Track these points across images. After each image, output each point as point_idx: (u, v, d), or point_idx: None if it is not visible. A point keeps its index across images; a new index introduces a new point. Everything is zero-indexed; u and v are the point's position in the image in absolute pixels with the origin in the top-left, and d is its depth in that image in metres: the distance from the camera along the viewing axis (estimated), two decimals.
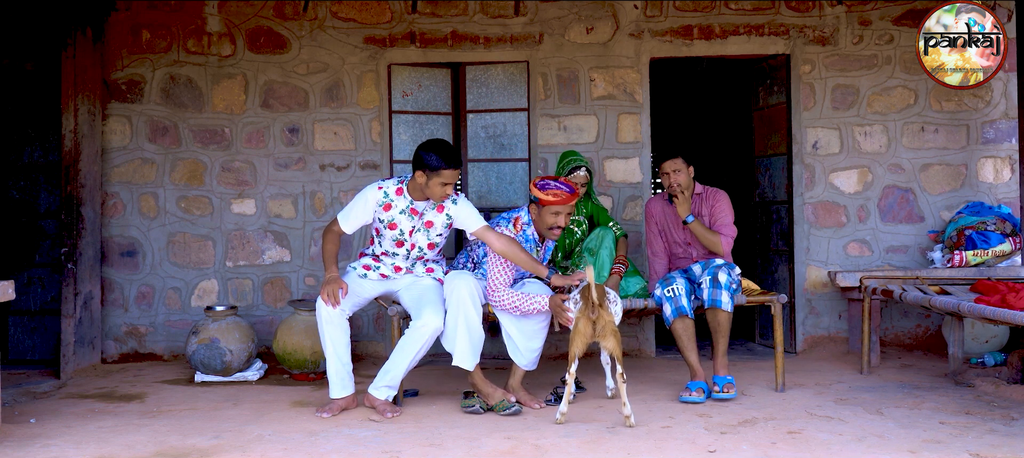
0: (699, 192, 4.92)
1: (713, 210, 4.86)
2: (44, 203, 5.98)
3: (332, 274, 4.30)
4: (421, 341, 4.24)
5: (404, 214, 4.37)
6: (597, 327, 4.04)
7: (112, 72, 5.91)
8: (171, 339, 5.91)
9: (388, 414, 4.21)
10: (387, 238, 4.43)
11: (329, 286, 4.25)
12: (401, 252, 4.45)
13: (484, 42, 5.92)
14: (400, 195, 4.38)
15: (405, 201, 4.37)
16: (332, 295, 4.24)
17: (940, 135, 5.93)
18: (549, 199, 4.32)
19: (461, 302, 4.23)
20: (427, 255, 4.51)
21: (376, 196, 4.36)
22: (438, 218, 4.42)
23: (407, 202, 4.37)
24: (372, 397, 4.30)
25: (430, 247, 4.47)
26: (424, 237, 4.43)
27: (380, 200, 4.36)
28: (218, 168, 5.94)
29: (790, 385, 4.80)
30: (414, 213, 4.38)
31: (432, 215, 4.41)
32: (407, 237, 4.41)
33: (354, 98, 5.93)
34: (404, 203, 4.37)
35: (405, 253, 4.46)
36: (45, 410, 4.45)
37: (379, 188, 4.38)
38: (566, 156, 5.03)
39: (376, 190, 4.38)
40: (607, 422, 4.04)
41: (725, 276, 4.53)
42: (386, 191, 4.38)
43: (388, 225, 4.38)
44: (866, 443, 3.61)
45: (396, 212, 4.37)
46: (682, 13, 5.93)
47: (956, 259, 5.53)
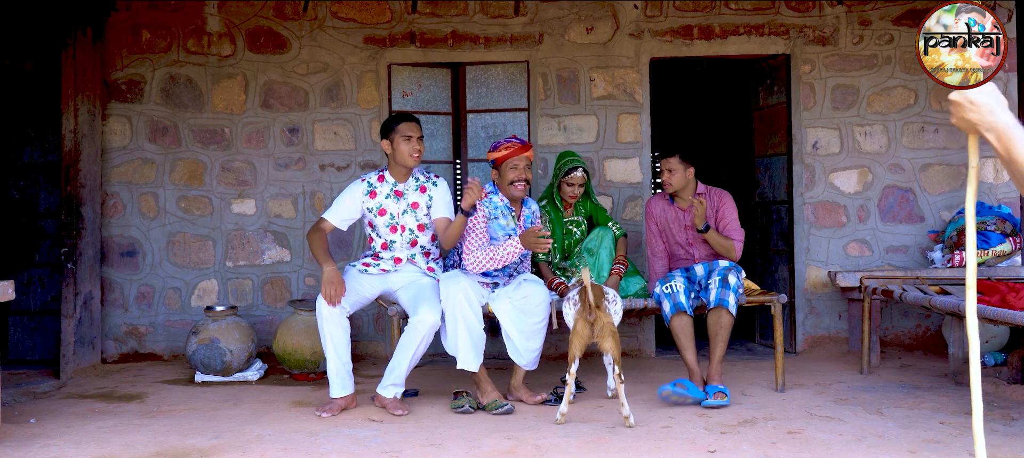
0: (702, 192, 4.88)
1: (719, 213, 4.83)
2: (44, 203, 5.98)
3: (330, 269, 4.32)
4: (419, 337, 4.26)
5: (390, 198, 4.53)
6: (595, 328, 4.04)
7: (112, 72, 5.91)
8: (171, 339, 5.91)
9: (399, 412, 4.26)
10: (381, 227, 4.52)
11: (329, 287, 4.28)
12: (397, 239, 4.52)
13: (484, 42, 5.92)
14: (382, 181, 4.56)
15: (388, 185, 4.54)
16: (334, 295, 4.26)
17: (940, 135, 5.93)
18: (503, 154, 4.47)
19: (458, 304, 4.25)
20: (420, 239, 4.56)
21: (360, 187, 4.54)
22: (421, 198, 4.54)
23: (390, 185, 4.54)
24: (382, 397, 4.34)
25: (421, 229, 4.55)
26: (412, 218, 4.53)
27: (365, 190, 4.53)
28: (218, 168, 5.94)
29: (790, 385, 4.80)
30: (399, 194, 4.53)
31: (415, 195, 4.54)
32: (398, 219, 4.52)
33: (354, 98, 5.93)
34: (388, 188, 4.54)
35: (400, 239, 4.53)
36: (45, 410, 4.45)
37: (362, 180, 4.57)
38: (563, 157, 5.04)
39: (359, 182, 4.57)
40: (607, 422, 4.03)
41: (734, 278, 4.52)
42: (368, 181, 4.56)
43: (379, 212, 4.51)
44: (866, 443, 3.61)
45: (382, 198, 4.52)
46: (682, 13, 5.93)
47: (956, 259, 5.53)
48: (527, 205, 4.70)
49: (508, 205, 4.55)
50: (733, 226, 4.80)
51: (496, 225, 4.50)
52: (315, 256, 4.44)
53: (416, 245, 4.56)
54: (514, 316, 4.39)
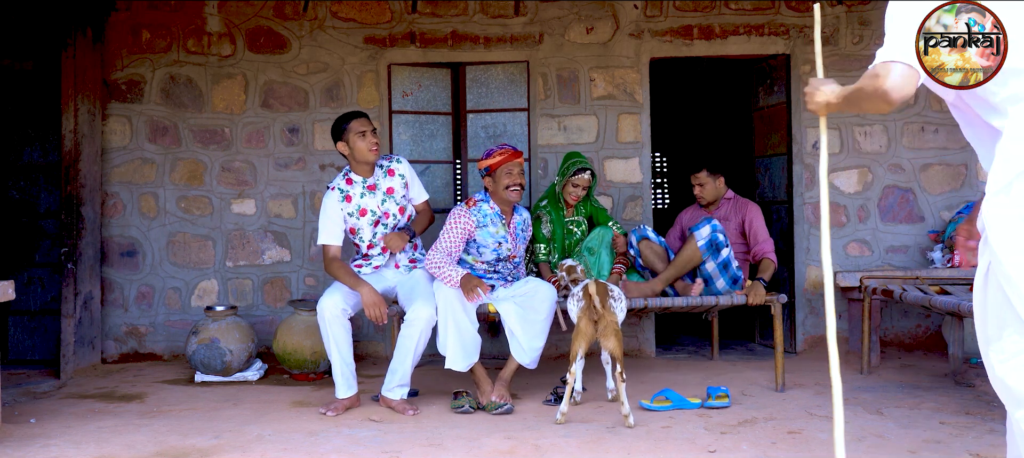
0: (730, 197, 5.06)
1: (748, 223, 5.05)
2: (44, 203, 5.98)
3: (367, 290, 4.33)
4: (417, 334, 4.27)
5: (366, 195, 4.55)
6: (599, 327, 4.03)
7: (112, 72, 5.91)
8: (171, 339, 5.91)
9: (409, 412, 4.26)
10: (365, 228, 4.55)
11: (372, 308, 4.29)
12: (382, 231, 4.57)
13: (484, 42, 5.92)
14: (351, 184, 4.57)
15: (359, 184, 4.56)
16: (380, 315, 4.30)
17: (940, 135, 5.93)
18: (498, 159, 4.48)
19: (449, 304, 4.26)
20: (402, 224, 4.63)
21: (334, 197, 4.54)
22: (394, 181, 4.60)
23: (361, 183, 4.56)
24: (388, 399, 4.34)
25: (401, 211, 4.62)
26: (393, 203, 4.58)
27: (339, 197, 4.53)
28: (218, 168, 5.94)
29: (790, 385, 4.80)
30: (372, 189, 4.56)
31: (387, 181, 4.59)
32: (379, 211, 4.55)
33: (354, 98, 5.93)
34: (359, 187, 4.55)
35: (385, 230, 4.58)
36: (45, 410, 4.45)
37: (331, 189, 4.57)
38: (570, 157, 5.04)
39: (330, 193, 4.56)
40: (607, 422, 4.04)
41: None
42: (338, 188, 4.56)
43: (359, 213, 4.53)
44: (866, 443, 3.61)
45: (358, 198, 4.54)
46: (682, 13, 5.93)
47: (956, 259, 5.53)
48: (518, 212, 4.71)
49: (499, 212, 4.56)
50: (763, 235, 5.02)
51: (486, 233, 4.51)
52: (345, 283, 4.39)
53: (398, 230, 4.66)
54: (518, 314, 4.40)
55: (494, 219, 4.54)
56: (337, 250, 4.49)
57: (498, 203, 4.55)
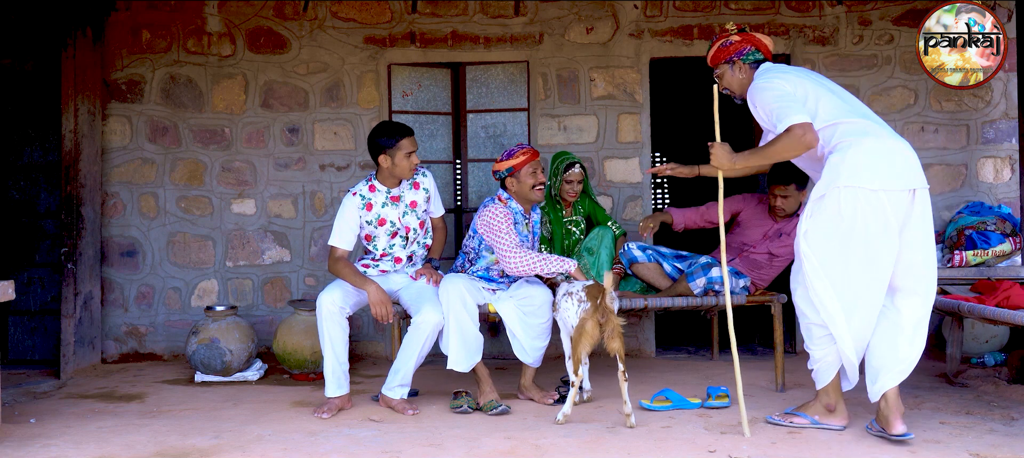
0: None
1: None
2: (44, 203, 5.98)
3: (374, 288, 4.29)
4: (423, 337, 4.26)
5: (387, 206, 4.45)
6: (605, 330, 4.02)
7: (112, 72, 5.91)
8: (171, 339, 5.91)
9: (409, 412, 4.26)
10: (382, 237, 4.48)
11: (379, 307, 4.27)
12: (398, 242, 4.50)
13: (484, 42, 5.92)
14: (374, 191, 4.46)
15: (382, 193, 4.46)
16: (386, 314, 4.27)
17: (940, 135, 5.93)
18: (521, 159, 4.43)
19: (452, 305, 4.26)
20: (420, 238, 4.57)
21: (354, 202, 4.43)
22: (418, 195, 4.52)
23: (384, 193, 4.46)
24: (388, 398, 4.33)
25: (421, 226, 4.55)
26: (413, 217, 4.50)
27: (359, 205, 4.43)
28: (218, 168, 5.94)
29: (790, 385, 4.80)
30: (395, 200, 4.47)
31: (411, 194, 4.51)
32: (400, 224, 4.48)
33: (354, 98, 5.93)
34: (382, 197, 4.45)
35: (402, 242, 4.51)
36: (45, 410, 4.46)
37: (353, 194, 4.45)
38: (558, 157, 5.12)
39: (351, 197, 4.44)
40: (607, 422, 4.04)
41: None
42: (360, 194, 4.45)
43: (378, 223, 4.45)
44: (866, 443, 3.61)
45: (379, 207, 4.44)
46: (682, 13, 5.93)
47: (956, 259, 5.53)
48: (534, 211, 4.71)
49: (523, 211, 4.55)
50: None
51: (515, 231, 4.50)
52: (350, 282, 4.35)
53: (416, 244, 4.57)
54: (518, 316, 4.41)
55: (519, 218, 4.54)
56: (344, 252, 4.45)
57: (520, 203, 4.55)
